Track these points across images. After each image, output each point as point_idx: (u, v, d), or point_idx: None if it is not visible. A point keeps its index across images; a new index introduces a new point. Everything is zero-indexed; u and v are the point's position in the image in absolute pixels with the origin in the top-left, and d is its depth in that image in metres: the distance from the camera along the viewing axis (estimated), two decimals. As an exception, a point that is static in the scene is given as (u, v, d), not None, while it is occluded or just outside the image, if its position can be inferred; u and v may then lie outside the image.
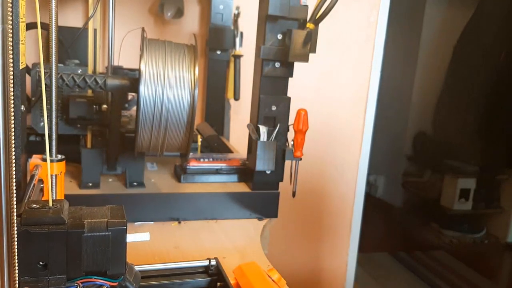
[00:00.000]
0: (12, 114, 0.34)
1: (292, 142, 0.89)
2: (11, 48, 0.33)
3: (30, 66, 0.87)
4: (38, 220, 0.39)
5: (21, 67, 0.47)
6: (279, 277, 0.62)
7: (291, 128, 0.90)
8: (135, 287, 0.43)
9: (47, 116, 0.49)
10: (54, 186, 0.46)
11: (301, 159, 0.89)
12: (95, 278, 0.41)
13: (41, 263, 0.39)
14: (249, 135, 0.93)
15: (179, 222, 0.87)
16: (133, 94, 0.86)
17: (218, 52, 1.31)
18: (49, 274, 0.39)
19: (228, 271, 0.63)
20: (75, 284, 0.41)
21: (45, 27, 0.66)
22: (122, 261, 0.41)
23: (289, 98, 0.91)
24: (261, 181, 0.92)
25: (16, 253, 0.37)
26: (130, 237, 0.73)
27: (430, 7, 2.39)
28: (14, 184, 0.36)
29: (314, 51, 0.86)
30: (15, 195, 0.36)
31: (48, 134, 0.46)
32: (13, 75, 0.34)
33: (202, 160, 0.98)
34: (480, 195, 2.49)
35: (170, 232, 0.83)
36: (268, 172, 0.91)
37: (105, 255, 0.41)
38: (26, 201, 0.46)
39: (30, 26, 0.61)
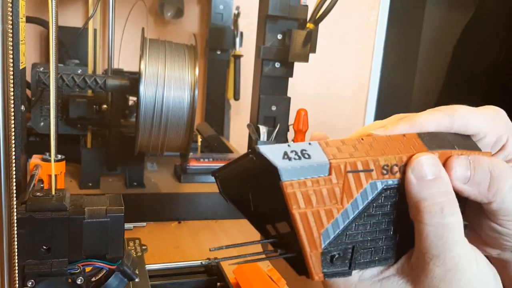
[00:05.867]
0: (12, 114, 0.35)
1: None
2: (11, 48, 0.33)
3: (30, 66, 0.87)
4: (42, 207, 0.42)
5: (21, 67, 0.47)
6: (279, 277, 0.62)
7: (291, 128, 0.90)
8: (132, 271, 0.45)
9: (47, 116, 0.49)
10: (55, 179, 0.46)
11: (301, 159, 0.89)
12: (95, 261, 0.44)
13: (44, 247, 0.42)
14: (249, 135, 0.93)
15: (179, 222, 0.87)
16: (134, 99, 0.86)
17: (218, 52, 1.30)
18: (52, 257, 0.42)
19: (228, 271, 0.63)
20: (76, 267, 0.43)
21: (45, 25, 0.66)
22: (120, 245, 0.44)
23: (289, 98, 0.90)
24: (261, 181, 0.92)
25: (16, 252, 0.38)
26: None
27: (430, 7, 2.38)
28: (14, 184, 0.36)
29: (314, 51, 0.86)
30: (15, 195, 0.36)
31: (48, 134, 0.47)
32: (13, 75, 0.34)
33: (202, 160, 0.98)
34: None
35: (170, 232, 0.83)
36: (268, 172, 0.91)
37: (104, 240, 0.43)
38: (30, 190, 0.47)
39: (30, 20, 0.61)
